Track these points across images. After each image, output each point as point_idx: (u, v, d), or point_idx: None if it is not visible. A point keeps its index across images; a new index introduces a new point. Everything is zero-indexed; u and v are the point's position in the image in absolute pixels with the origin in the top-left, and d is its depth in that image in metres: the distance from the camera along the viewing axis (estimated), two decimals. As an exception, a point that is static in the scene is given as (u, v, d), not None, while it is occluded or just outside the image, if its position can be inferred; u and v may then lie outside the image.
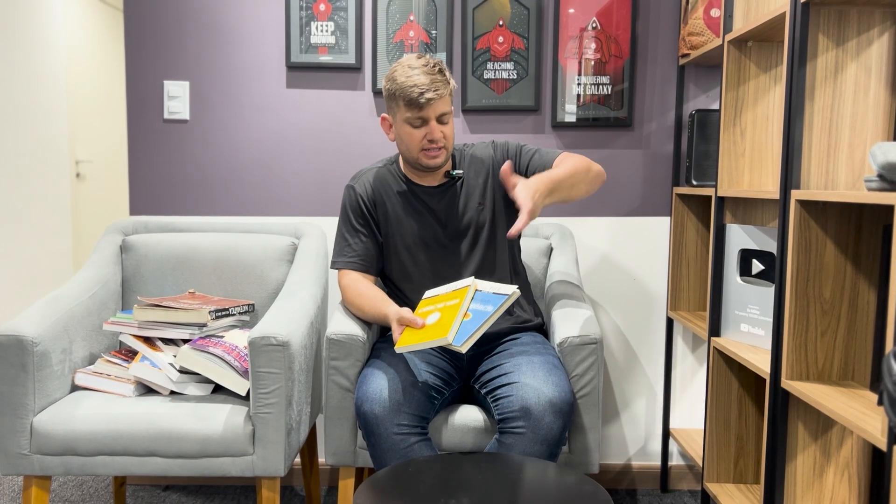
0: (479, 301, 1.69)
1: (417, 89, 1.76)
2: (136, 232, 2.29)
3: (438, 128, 1.82)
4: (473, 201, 1.93)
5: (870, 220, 1.53)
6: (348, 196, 1.96)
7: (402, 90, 1.78)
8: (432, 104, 1.79)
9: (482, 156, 1.97)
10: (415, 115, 1.80)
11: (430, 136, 1.82)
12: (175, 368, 1.87)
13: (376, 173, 1.97)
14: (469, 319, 1.64)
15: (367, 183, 1.96)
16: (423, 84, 1.77)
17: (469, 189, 1.94)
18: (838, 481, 1.63)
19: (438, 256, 1.92)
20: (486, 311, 1.63)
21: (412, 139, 1.83)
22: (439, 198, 1.93)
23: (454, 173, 1.94)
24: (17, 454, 1.78)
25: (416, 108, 1.79)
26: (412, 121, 1.81)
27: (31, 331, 1.79)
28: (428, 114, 1.80)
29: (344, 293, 1.92)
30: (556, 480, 1.40)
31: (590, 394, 1.77)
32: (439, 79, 1.79)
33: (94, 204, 4.76)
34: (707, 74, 2.39)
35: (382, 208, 1.94)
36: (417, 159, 1.86)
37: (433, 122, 1.81)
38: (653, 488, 2.52)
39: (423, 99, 1.77)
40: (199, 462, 1.77)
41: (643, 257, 2.45)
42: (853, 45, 1.55)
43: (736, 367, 2.02)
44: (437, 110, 1.80)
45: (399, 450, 1.65)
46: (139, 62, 2.40)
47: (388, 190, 1.94)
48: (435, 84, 1.78)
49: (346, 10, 2.35)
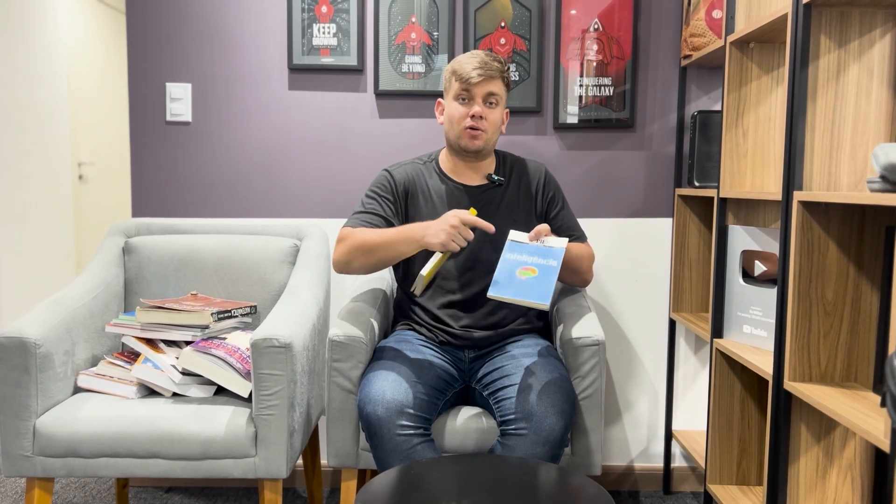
0: (536, 254, 1.70)
1: (470, 65, 1.85)
2: (138, 234, 2.30)
3: (483, 108, 1.87)
4: (508, 215, 1.94)
5: (872, 222, 1.53)
6: (382, 175, 1.98)
7: (459, 66, 1.87)
8: (482, 81, 1.85)
9: (532, 173, 2.01)
10: (463, 87, 1.86)
11: (475, 112, 1.86)
12: (177, 370, 1.87)
13: (413, 167, 2.00)
14: (537, 276, 1.64)
15: (404, 172, 1.98)
16: (480, 61, 1.86)
17: (508, 200, 1.96)
18: (841, 483, 1.62)
19: (464, 256, 1.91)
20: (552, 265, 1.65)
21: (456, 114, 1.88)
22: (476, 198, 1.94)
23: (496, 178, 1.96)
24: (19, 456, 1.78)
25: (465, 82, 1.86)
26: (460, 94, 1.87)
27: (34, 333, 1.79)
28: (475, 91, 1.86)
29: (344, 241, 1.83)
30: (558, 482, 1.40)
31: (592, 395, 1.77)
32: (495, 64, 1.87)
33: (96, 206, 4.76)
34: (709, 76, 2.39)
35: (413, 200, 1.95)
36: (459, 136, 1.89)
37: (478, 100, 1.87)
38: (655, 490, 2.52)
39: (475, 73, 1.84)
40: (201, 464, 1.77)
41: (645, 259, 2.45)
42: (855, 46, 1.55)
43: (738, 368, 2.02)
44: (485, 88, 1.86)
45: (402, 451, 1.65)
46: (141, 64, 2.40)
47: (424, 184, 1.96)
48: (489, 65, 1.86)
49: (347, 12, 2.35)
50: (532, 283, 1.63)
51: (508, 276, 1.66)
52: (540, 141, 2.41)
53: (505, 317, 1.93)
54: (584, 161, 2.42)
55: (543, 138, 2.41)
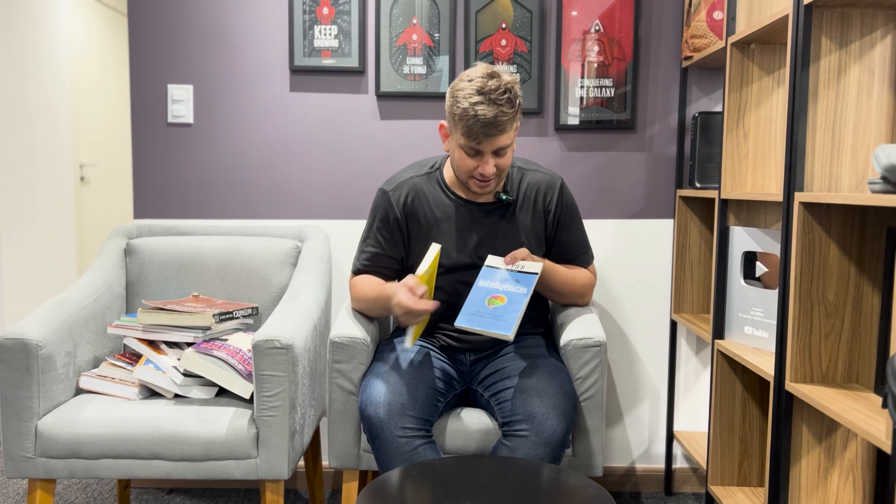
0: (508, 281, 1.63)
1: (479, 123, 1.61)
2: (139, 235, 2.30)
3: (493, 161, 1.69)
4: (516, 234, 1.85)
5: (873, 222, 1.53)
6: (380, 201, 1.87)
7: (463, 116, 1.62)
8: (491, 140, 1.65)
9: (545, 190, 1.86)
10: (470, 145, 1.67)
11: (482, 170, 1.70)
12: (179, 371, 1.88)
13: (415, 183, 1.86)
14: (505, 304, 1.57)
15: (403, 194, 1.85)
16: (487, 118, 1.60)
17: (517, 219, 1.85)
18: (843, 484, 1.62)
19: (469, 275, 1.85)
20: (521, 293, 1.60)
21: (464, 165, 1.72)
22: (484, 217, 1.85)
23: (504, 198, 1.84)
24: (21, 457, 1.78)
25: (473, 140, 1.65)
26: (467, 149, 1.68)
27: (36, 334, 1.79)
28: (485, 148, 1.66)
29: (351, 292, 1.95)
30: (559, 483, 1.40)
31: (593, 396, 1.77)
32: (506, 111, 1.62)
33: (98, 208, 4.77)
34: (710, 77, 2.39)
35: (416, 224, 1.85)
36: (466, 182, 1.78)
37: (488, 156, 1.68)
38: (657, 491, 2.52)
39: (483, 135, 1.63)
40: (202, 465, 1.78)
41: (646, 260, 2.45)
42: (856, 47, 1.55)
43: (740, 369, 2.02)
44: (496, 145, 1.67)
45: (403, 453, 1.65)
46: (143, 66, 2.41)
47: (428, 202, 1.84)
48: (499, 119, 1.61)
49: (349, 14, 2.35)
50: (500, 312, 1.60)
51: (477, 305, 1.65)
52: (541, 142, 2.41)
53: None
54: (585, 162, 2.42)
55: (544, 139, 2.41)
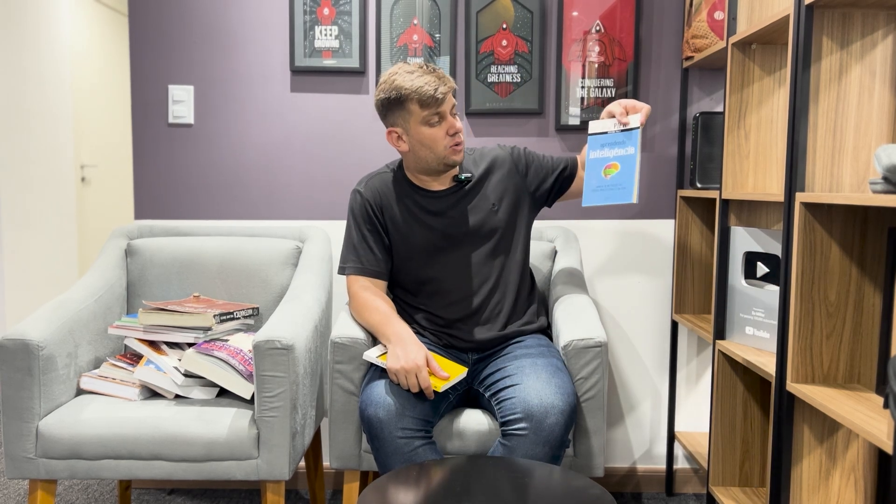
0: (616, 145, 1.53)
1: (430, 86, 1.77)
2: (140, 236, 2.30)
3: (456, 120, 1.83)
4: (486, 203, 1.91)
5: (875, 223, 1.52)
6: (355, 200, 1.94)
7: (413, 91, 1.77)
8: (447, 98, 1.80)
9: (497, 157, 1.96)
10: (432, 112, 1.79)
11: (452, 128, 1.82)
12: (180, 372, 1.88)
13: (382, 179, 1.95)
14: (619, 171, 1.49)
15: (373, 188, 1.94)
16: (433, 81, 1.78)
17: (481, 191, 1.92)
18: (844, 485, 1.62)
19: (449, 262, 1.90)
20: (631, 154, 1.51)
21: (436, 138, 1.82)
22: (448, 202, 1.91)
23: (462, 177, 1.91)
24: (22, 458, 1.78)
25: (433, 105, 1.78)
26: (430, 119, 1.80)
27: (37, 335, 1.79)
28: (444, 108, 1.80)
29: (352, 301, 1.91)
30: (560, 484, 1.40)
31: (594, 397, 1.77)
32: (442, 74, 1.82)
33: (99, 208, 4.77)
34: (711, 77, 2.39)
35: (389, 212, 1.92)
36: (445, 157, 1.84)
37: (449, 117, 1.82)
38: (658, 492, 2.52)
39: (440, 94, 1.77)
40: (203, 466, 1.78)
41: (647, 260, 2.45)
42: (857, 47, 1.55)
43: (741, 369, 2.01)
44: (450, 103, 1.82)
45: (404, 453, 1.65)
46: (144, 67, 2.41)
47: (394, 196, 1.92)
48: (443, 79, 1.80)
49: (349, 14, 2.35)
50: (617, 181, 1.51)
51: (596, 180, 1.55)
52: (542, 142, 2.41)
53: (508, 319, 1.92)
54: (586, 163, 2.42)
55: (545, 140, 2.41)
